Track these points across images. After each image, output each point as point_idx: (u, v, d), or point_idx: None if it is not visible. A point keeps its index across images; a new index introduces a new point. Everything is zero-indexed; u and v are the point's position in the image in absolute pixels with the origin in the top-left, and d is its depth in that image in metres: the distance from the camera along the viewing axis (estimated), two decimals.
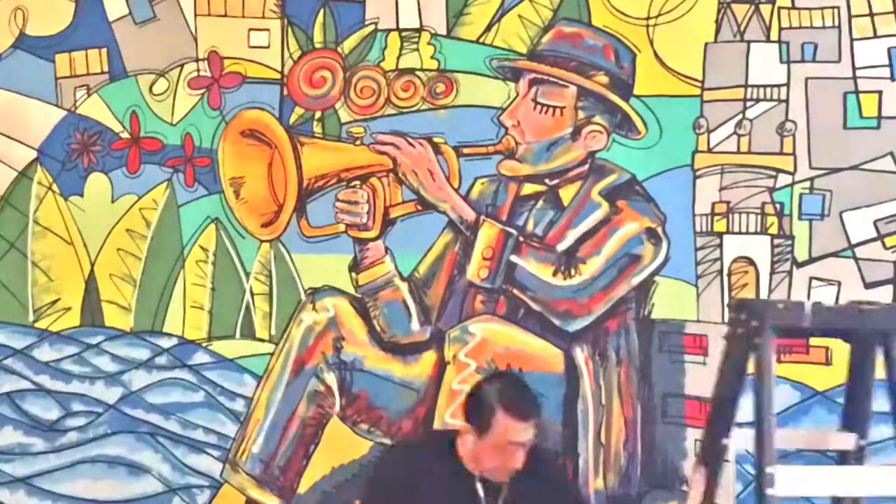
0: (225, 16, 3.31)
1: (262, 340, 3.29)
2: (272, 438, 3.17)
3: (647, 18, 3.03)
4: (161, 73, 3.34)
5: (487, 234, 3.04)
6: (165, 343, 3.34)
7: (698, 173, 3.04)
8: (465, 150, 3.11)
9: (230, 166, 3.26)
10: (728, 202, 3.03)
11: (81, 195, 3.39)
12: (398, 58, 3.19)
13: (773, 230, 3.01)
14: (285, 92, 3.27)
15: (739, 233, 3.03)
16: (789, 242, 3.01)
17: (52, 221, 3.40)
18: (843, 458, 2.23)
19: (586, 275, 3.01)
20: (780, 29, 2.99)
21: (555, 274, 3.01)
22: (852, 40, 2.96)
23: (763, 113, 3.00)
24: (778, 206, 3.01)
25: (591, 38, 3.04)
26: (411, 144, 3.09)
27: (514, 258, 3.03)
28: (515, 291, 3.03)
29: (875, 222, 2.96)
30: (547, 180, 3.08)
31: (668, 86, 3.04)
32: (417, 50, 3.18)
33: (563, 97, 3.04)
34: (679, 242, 3.04)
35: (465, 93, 3.14)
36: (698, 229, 3.04)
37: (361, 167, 3.14)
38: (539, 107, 3.05)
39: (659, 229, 3.01)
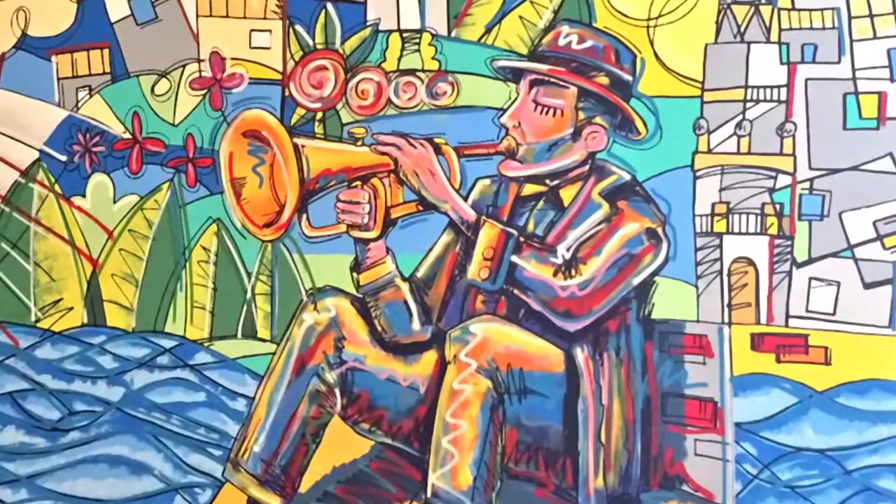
0: (227, 17, 3.32)
1: (263, 340, 3.31)
2: (274, 438, 3.16)
3: (648, 20, 3.03)
4: (163, 73, 3.35)
5: (488, 234, 3.03)
6: (167, 343, 3.35)
7: (698, 174, 3.04)
8: (466, 151, 3.11)
9: (231, 167, 3.26)
10: (728, 203, 3.03)
11: (83, 196, 3.40)
12: (399, 59, 3.20)
13: (773, 231, 3.01)
14: (286, 92, 3.27)
15: (739, 233, 3.03)
16: (789, 243, 3.01)
17: (54, 222, 3.41)
18: None
19: (587, 275, 3.01)
20: (781, 30, 3.00)
21: (555, 274, 3.01)
22: (852, 41, 2.96)
23: (763, 114, 3.01)
24: (778, 206, 3.01)
25: (591, 39, 3.04)
26: (412, 145, 3.08)
27: (514, 258, 3.02)
28: (516, 292, 3.03)
29: (874, 223, 2.97)
30: (547, 181, 3.07)
31: (668, 87, 3.04)
32: (419, 51, 3.18)
33: (563, 98, 3.04)
34: (679, 243, 3.04)
35: (467, 94, 3.14)
36: (698, 230, 3.05)
37: (363, 167, 3.14)
38: (539, 108, 3.04)
39: (659, 230, 3.00)
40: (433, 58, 3.18)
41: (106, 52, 3.39)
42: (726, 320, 3.03)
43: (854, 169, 2.97)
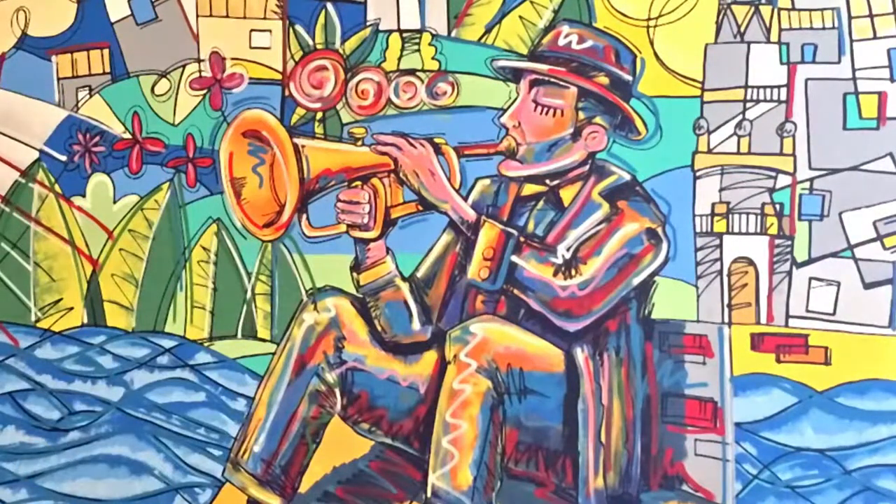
0: (227, 17, 3.32)
1: (263, 340, 3.31)
2: (274, 438, 3.17)
3: (648, 20, 3.04)
4: (163, 73, 3.36)
5: (488, 234, 3.04)
6: (167, 343, 3.35)
7: (698, 174, 3.05)
8: (466, 151, 3.11)
9: (231, 167, 3.26)
10: (728, 203, 3.04)
11: (83, 196, 3.41)
12: (399, 59, 3.20)
13: (773, 231, 3.02)
14: (286, 92, 3.28)
15: (739, 233, 3.04)
16: (789, 243, 3.02)
17: (54, 222, 3.42)
18: None
19: (587, 275, 3.02)
20: (781, 30, 3.00)
21: (555, 274, 3.01)
22: (852, 41, 2.97)
23: (763, 114, 3.01)
24: (778, 206, 3.01)
25: (591, 39, 3.04)
26: (412, 145, 3.08)
27: (514, 258, 3.03)
28: (516, 292, 3.04)
29: (874, 223, 2.97)
30: (548, 181, 3.08)
31: (668, 87, 3.05)
32: (419, 51, 3.18)
33: (563, 98, 3.04)
34: (679, 243, 3.05)
35: (467, 94, 3.15)
36: (698, 230, 3.05)
37: (363, 168, 3.14)
38: (540, 108, 3.05)
39: (659, 230, 3.01)
40: (433, 58, 3.19)
41: (106, 52, 3.39)
42: (726, 320, 3.03)
43: (854, 169, 2.97)
